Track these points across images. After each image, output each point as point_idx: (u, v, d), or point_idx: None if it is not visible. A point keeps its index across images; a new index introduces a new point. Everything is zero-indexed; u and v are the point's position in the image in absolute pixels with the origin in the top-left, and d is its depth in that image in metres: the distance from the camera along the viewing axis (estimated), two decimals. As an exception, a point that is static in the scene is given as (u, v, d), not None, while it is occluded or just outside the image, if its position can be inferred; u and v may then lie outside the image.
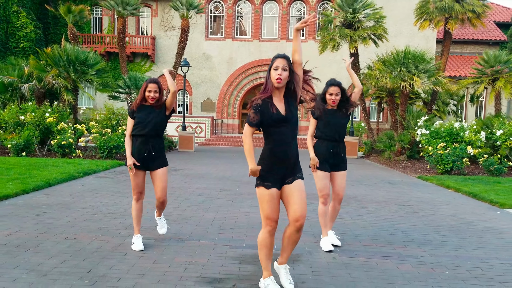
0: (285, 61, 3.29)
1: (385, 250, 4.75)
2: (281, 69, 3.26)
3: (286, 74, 3.28)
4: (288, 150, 3.32)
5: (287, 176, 3.38)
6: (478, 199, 8.37)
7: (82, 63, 14.34)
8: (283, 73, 3.26)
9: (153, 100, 4.42)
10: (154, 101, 4.42)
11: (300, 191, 3.36)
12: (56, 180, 8.47)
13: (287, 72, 3.29)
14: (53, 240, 4.67)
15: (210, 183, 9.26)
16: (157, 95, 4.43)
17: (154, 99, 4.42)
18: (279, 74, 3.24)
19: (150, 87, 4.41)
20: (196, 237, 4.99)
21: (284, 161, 3.33)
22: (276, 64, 3.27)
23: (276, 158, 3.32)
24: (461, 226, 6.05)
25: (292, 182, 3.37)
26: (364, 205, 7.37)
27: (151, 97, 4.40)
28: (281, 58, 3.30)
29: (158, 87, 4.45)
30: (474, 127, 13.45)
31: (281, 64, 3.27)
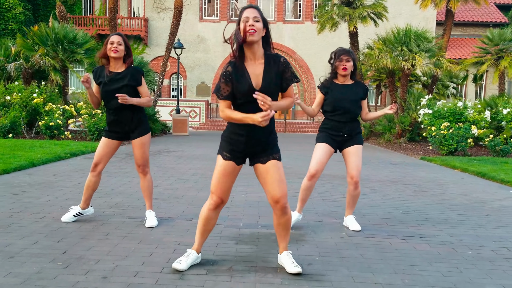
0: (256, 11, 2.67)
1: (398, 229, 4.30)
2: (252, 19, 2.63)
3: (260, 25, 2.65)
4: (258, 129, 2.75)
5: (258, 155, 2.88)
6: (488, 179, 7.94)
7: (70, 42, 13.70)
8: (256, 24, 2.63)
9: (116, 51, 3.82)
10: (116, 53, 3.83)
11: (276, 169, 2.86)
12: (41, 160, 7.95)
13: (261, 23, 2.66)
14: (28, 219, 4.18)
15: (204, 164, 8.77)
16: (121, 48, 3.85)
17: (116, 51, 3.82)
18: (250, 25, 2.61)
19: (113, 38, 3.84)
20: (188, 216, 4.52)
21: (250, 140, 2.82)
22: (246, 15, 2.64)
23: (239, 135, 2.81)
24: (475, 205, 5.61)
25: (265, 162, 2.87)
26: (368, 184, 6.92)
27: (112, 48, 3.81)
28: (251, 9, 2.68)
29: (123, 39, 3.90)
30: (478, 107, 12.99)
31: (252, 14, 2.64)
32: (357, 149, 4.05)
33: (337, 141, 4.08)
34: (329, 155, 4.05)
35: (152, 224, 4.04)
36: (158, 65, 25.37)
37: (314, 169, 4.00)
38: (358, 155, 4.04)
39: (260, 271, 3.06)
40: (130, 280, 2.82)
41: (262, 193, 5.83)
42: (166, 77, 25.74)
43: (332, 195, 5.89)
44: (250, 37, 2.62)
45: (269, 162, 2.87)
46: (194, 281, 2.84)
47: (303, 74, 25.88)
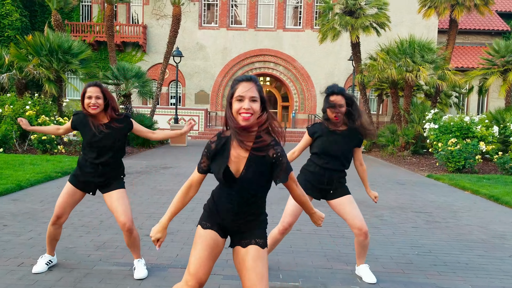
0: (254, 87, 2.17)
1: (416, 279, 3.86)
2: (248, 100, 2.14)
3: (257, 106, 2.16)
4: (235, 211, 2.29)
5: (240, 235, 2.33)
6: (501, 203, 7.53)
7: (65, 52, 13.29)
8: (253, 105, 2.15)
9: (95, 108, 3.39)
10: (96, 110, 3.39)
11: (256, 261, 2.25)
12: (30, 182, 7.53)
13: (258, 103, 2.17)
14: (4, 268, 3.73)
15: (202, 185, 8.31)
16: (99, 102, 3.39)
17: (96, 107, 3.38)
18: (245, 109, 2.13)
19: (90, 92, 3.39)
20: (183, 261, 4.08)
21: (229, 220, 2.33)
22: (240, 94, 2.14)
23: (218, 214, 2.34)
24: (495, 241, 5.18)
25: (246, 246, 2.30)
26: (377, 212, 6.49)
27: (91, 104, 3.37)
28: (247, 83, 2.17)
29: (101, 91, 3.43)
30: (486, 121, 12.59)
31: (248, 93, 2.14)
32: (350, 199, 3.54)
33: (320, 190, 3.57)
34: None
35: (141, 275, 3.59)
36: (156, 72, 24.98)
37: (287, 223, 3.55)
38: (353, 203, 3.53)
39: None
40: None
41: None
42: (164, 85, 25.34)
43: (340, 229, 5.46)
44: (244, 123, 2.13)
45: (251, 248, 2.30)
46: None
47: (303, 82, 25.51)
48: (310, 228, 5.39)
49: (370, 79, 17.80)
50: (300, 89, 25.69)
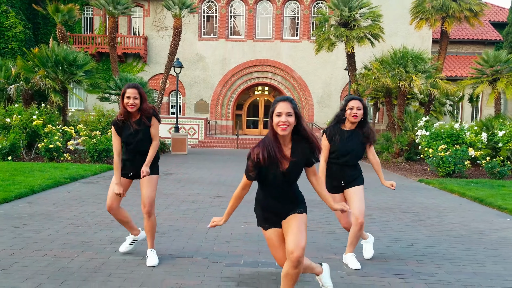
0: (290, 105, 2.83)
1: (397, 266, 4.34)
2: (285, 115, 2.80)
3: (292, 119, 2.82)
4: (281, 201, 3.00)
5: (285, 215, 3.03)
6: (485, 205, 8.00)
7: (70, 63, 13.83)
8: (288, 119, 2.80)
9: (132, 107, 3.97)
10: (133, 108, 3.97)
11: (296, 221, 2.96)
12: (41, 187, 7.99)
13: (293, 117, 2.83)
14: (30, 258, 4.21)
15: (204, 189, 8.81)
16: (137, 102, 3.98)
17: (133, 107, 3.96)
18: (283, 121, 2.79)
19: (129, 93, 3.97)
20: (189, 252, 4.55)
21: (276, 210, 3.02)
22: (279, 111, 2.81)
23: (266, 208, 3.05)
24: (473, 236, 5.66)
25: (287, 216, 3.02)
26: (367, 212, 6.95)
27: (130, 104, 3.96)
28: (284, 102, 2.83)
29: (138, 92, 4.01)
30: (475, 128, 13.12)
31: (285, 110, 2.80)
32: (359, 190, 4.11)
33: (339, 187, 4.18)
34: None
35: (153, 263, 4.07)
36: (157, 83, 25.54)
37: None
38: (361, 195, 4.10)
39: (261, 318, 3.09)
40: (133, 330, 2.85)
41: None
42: (165, 95, 25.87)
43: (331, 226, 5.94)
44: (282, 132, 2.80)
45: (291, 216, 2.99)
46: (196, 330, 2.87)
47: (300, 91, 26.07)
48: (304, 226, 5.86)
49: (365, 88, 18.37)
50: (297, 98, 26.24)
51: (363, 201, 4.10)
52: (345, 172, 4.12)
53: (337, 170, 4.11)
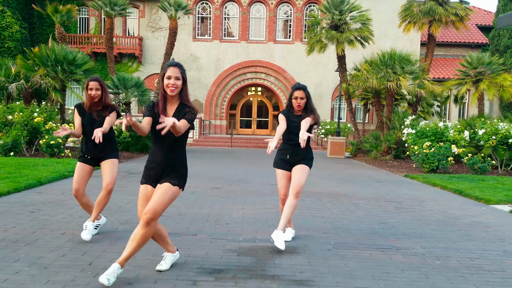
0: (178, 70, 3.36)
1: (378, 242, 4.89)
2: (174, 78, 3.34)
3: (180, 83, 3.37)
4: (162, 154, 3.42)
5: (161, 178, 3.45)
6: (464, 196, 8.60)
7: (70, 62, 14.26)
8: (176, 82, 3.35)
9: (95, 98, 4.47)
10: (96, 99, 4.48)
11: (161, 190, 3.36)
12: (47, 179, 8.45)
13: (181, 81, 3.38)
14: (51, 235, 4.70)
15: (201, 182, 9.32)
16: (98, 93, 4.48)
17: (96, 97, 4.47)
18: (172, 84, 3.34)
19: (91, 85, 4.47)
20: (193, 231, 5.07)
21: (157, 163, 3.45)
22: (169, 74, 3.34)
23: (150, 158, 3.50)
24: (449, 220, 6.24)
25: (161, 183, 3.43)
26: (354, 201, 7.53)
27: (92, 95, 4.46)
28: (174, 67, 3.36)
29: (99, 84, 4.50)
30: (458, 127, 13.77)
31: (174, 74, 3.34)
32: (304, 167, 4.58)
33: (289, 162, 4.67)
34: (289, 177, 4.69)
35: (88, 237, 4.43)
36: (152, 82, 25.98)
37: (283, 194, 4.71)
38: (303, 172, 4.55)
39: (260, 278, 3.62)
40: (151, 286, 3.37)
41: (258, 210, 6.40)
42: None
43: (320, 211, 6.49)
44: (170, 93, 3.37)
45: (162, 184, 3.41)
46: (205, 286, 3.40)
47: (293, 92, 26.63)
48: (297, 211, 6.40)
49: (355, 89, 18.99)
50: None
51: (304, 177, 4.54)
52: (296, 151, 4.59)
53: (289, 148, 4.63)
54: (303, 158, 4.63)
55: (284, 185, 4.69)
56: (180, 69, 3.39)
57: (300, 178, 4.51)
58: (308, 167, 4.63)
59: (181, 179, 3.47)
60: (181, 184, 3.46)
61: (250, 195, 7.83)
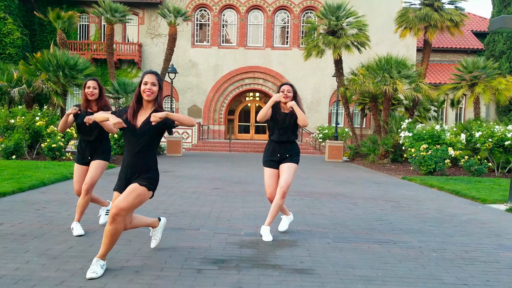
0: (155, 77, 3.55)
1: (376, 237, 5.03)
2: (150, 84, 3.52)
3: (156, 88, 3.55)
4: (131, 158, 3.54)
5: (130, 180, 3.56)
6: (461, 196, 8.74)
7: (71, 67, 14.41)
8: (153, 87, 3.52)
9: (92, 96, 4.61)
10: (93, 97, 4.62)
11: (128, 189, 3.48)
12: (50, 180, 8.56)
13: (157, 87, 3.55)
14: (57, 230, 4.82)
15: (201, 183, 9.45)
16: (96, 91, 4.63)
17: (92, 95, 4.61)
18: (148, 89, 3.51)
19: (89, 84, 4.63)
20: (195, 227, 5.20)
21: (126, 167, 3.57)
22: (146, 80, 3.52)
23: (123, 163, 3.63)
24: (446, 218, 6.38)
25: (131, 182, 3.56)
26: (352, 200, 7.66)
27: (89, 93, 4.61)
28: (151, 74, 3.54)
29: (97, 83, 4.68)
30: (455, 129, 13.95)
31: (150, 80, 3.52)
32: (291, 166, 4.72)
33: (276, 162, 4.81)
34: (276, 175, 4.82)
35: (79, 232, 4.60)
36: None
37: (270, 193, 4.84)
38: (291, 170, 4.69)
39: (262, 267, 3.76)
40: (158, 273, 3.50)
41: (258, 208, 6.53)
42: (158, 100, 26.45)
43: (320, 210, 6.62)
44: (146, 98, 3.53)
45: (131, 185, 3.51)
46: (210, 274, 3.53)
47: (291, 97, 26.81)
48: (296, 209, 6.55)
49: (352, 93, 19.17)
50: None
51: (291, 176, 4.68)
52: (283, 148, 4.74)
53: (276, 147, 4.76)
54: (291, 155, 4.78)
55: (270, 184, 4.79)
56: (157, 77, 3.57)
57: (287, 178, 4.66)
58: (295, 164, 4.79)
59: (150, 181, 3.53)
60: (149, 186, 3.52)
61: (250, 194, 7.96)
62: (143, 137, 3.50)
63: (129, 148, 3.54)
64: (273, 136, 4.80)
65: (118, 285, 3.22)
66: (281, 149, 4.76)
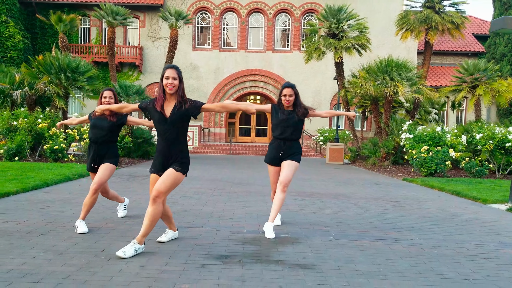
0: (175, 71, 3.88)
1: (377, 234, 5.07)
2: (171, 78, 3.85)
3: (177, 82, 3.88)
4: (164, 145, 3.92)
5: (166, 167, 3.95)
6: (461, 197, 8.78)
7: (73, 70, 14.48)
8: (174, 81, 3.86)
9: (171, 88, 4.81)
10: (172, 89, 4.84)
11: (165, 174, 3.90)
12: (53, 180, 8.61)
13: (177, 80, 3.88)
14: (62, 227, 4.87)
15: (203, 184, 9.50)
16: (112, 101, 4.91)
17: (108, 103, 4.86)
18: (170, 83, 3.84)
19: (105, 94, 4.93)
20: (198, 225, 5.25)
21: (160, 154, 3.96)
22: (167, 75, 3.85)
23: (157, 149, 4.01)
24: (446, 217, 6.42)
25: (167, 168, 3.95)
26: (353, 201, 7.71)
27: (106, 102, 4.89)
28: (171, 69, 3.88)
29: (113, 93, 4.97)
30: (455, 131, 13.99)
31: (171, 74, 3.86)
32: (292, 163, 4.91)
33: (279, 159, 4.99)
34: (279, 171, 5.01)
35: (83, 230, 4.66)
36: (152, 91, 26.20)
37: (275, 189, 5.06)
38: (291, 167, 4.88)
39: (265, 262, 3.80)
40: (162, 268, 3.55)
41: (259, 207, 6.58)
42: (159, 103, 26.54)
43: (321, 209, 6.66)
44: (169, 91, 3.88)
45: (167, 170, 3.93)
46: (214, 269, 3.57)
47: (292, 100, 26.89)
48: (297, 209, 6.60)
49: (353, 96, 19.24)
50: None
51: (291, 172, 4.87)
52: (286, 146, 4.91)
53: (280, 144, 4.93)
54: (293, 153, 4.94)
55: (275, 181, 5.06)
56: (177, 71, 3.91)
57: (287, 174, 4.84)
58: (297, 163, 4.96)
59: (183, 165, 3.96)
60: (183, 170, 3.96)
61: (251, 195, 8.01)
62: (173, 125, 3.88)
63: (162, 136, 3.94)
64: (276, 134, 4.98)
65: (124, 279, 3.27)
66: (285, 145, 4.92)
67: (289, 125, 4.89)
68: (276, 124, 4.95)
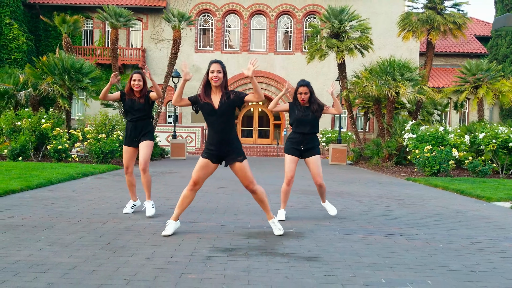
0: (219, 65, 4.15)
1: (382, 229, 5.07)
2: (216, 72, 4.11)
3: (221, 75, 4.15)
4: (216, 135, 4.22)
5: (225, 156, 4.28)
6: (465, 195, 8.76)
7: (77, 71, 14.55)
8: (218, 75, 4.12)
9: (138, 88, 5.20)
10: (138, 89, 5.20)
11: (241, 170, 4.29)
12: (57, 179, 8.63)
13: (222, 74, 4.15)
14: (67, 222, 4.88)
15: (207, 182, 9.46)
16: (140, 84, 5.20)
17: (138, 87, 5.19)
18: (215, 76, 4.12)
19: (135, 77, 5.21)
20: (203, 220, 5.25)
21: (213, 143, 4.24)
22: (212, 69, 4.13)
23: (209, 140, 4.30)
24: (451, 214, 6.41)
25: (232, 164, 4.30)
26: (357, 198, 7.70)
27: (135, 85, 5.18)
28: (216, 63, 4.16)
29: (141, 76, 5.24)
30: (458, 131, 13.97)
31: (216, 68, 4.13)
32: (317, 158, 5.29)
33: (299, 150, 5.28)
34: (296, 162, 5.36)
35: (150, 213, 5.19)
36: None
37: (290, 176, 5.29)
38: (318, 163, 5.29)
39: (270, 255, 3.81)
40: (168, 260, 3.56)
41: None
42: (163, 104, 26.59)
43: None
44: (214, 84, 4.16)
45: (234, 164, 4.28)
46: (219, 261, 3.58)
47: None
48: (301, 206, 6.60)
49: (355, 97, 19.24)
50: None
51: (320, 166, 5.32)
52: (304, 140, 5.25)
53: (298, 137, 5.27)
54: (313, 146, 5.29)
55: (292, 168, 5.28)
56: (221, 65, 4.18)
57: (319, 170, 5.29)
58: (319, 155, 5.34)
59: (242, 152, 4.33)
60: (244, 156, 4.33)
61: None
62: (222, 116, 4.17)
63: (212, 127, 4.23)
64: (298, 129, 5.27)
65: (131, 269, 3.28)
66: (305, 139, 5.25)
67: (307, 121, 5.23)
68: (295, 121, 5.26)
